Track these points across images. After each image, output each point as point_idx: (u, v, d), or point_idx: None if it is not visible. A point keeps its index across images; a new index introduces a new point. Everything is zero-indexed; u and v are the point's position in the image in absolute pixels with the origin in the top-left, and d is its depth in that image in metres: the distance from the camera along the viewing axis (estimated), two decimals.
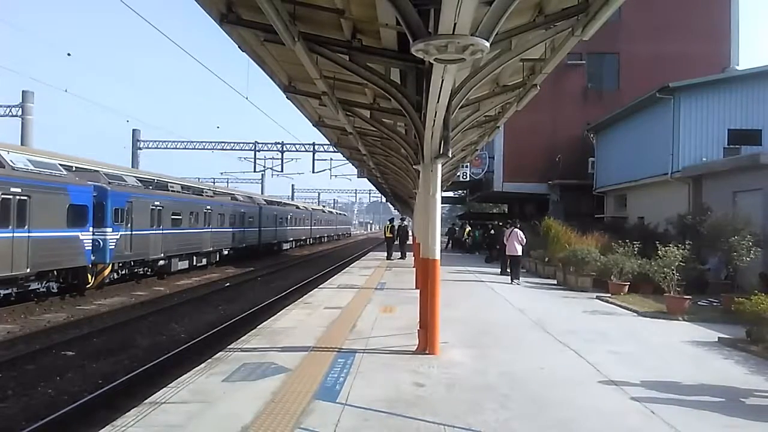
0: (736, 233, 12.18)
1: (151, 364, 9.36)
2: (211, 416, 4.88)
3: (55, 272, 15.50)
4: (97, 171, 19.49)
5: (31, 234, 14.07)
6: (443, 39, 4.07)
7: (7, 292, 13.76)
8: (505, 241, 16.65)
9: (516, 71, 8.85)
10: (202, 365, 6.59)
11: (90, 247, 16.56)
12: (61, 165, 17.03)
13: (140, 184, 21.35)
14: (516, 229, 16.49)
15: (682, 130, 17.51)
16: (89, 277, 16.81)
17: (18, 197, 13.74)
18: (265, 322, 9.56)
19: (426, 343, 7.22)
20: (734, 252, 12.04)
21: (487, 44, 4.22)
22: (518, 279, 16.23)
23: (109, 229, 17.62)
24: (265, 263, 30.67)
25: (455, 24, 3.84)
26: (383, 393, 5.54)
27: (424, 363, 6.76)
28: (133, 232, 19.04)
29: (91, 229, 16.64)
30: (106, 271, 17.73)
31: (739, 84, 17.82)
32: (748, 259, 11.92)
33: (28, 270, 14.10)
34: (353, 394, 5.49)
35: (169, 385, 5.80)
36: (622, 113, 21.51)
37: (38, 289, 14.99)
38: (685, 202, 16.88)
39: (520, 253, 16.40)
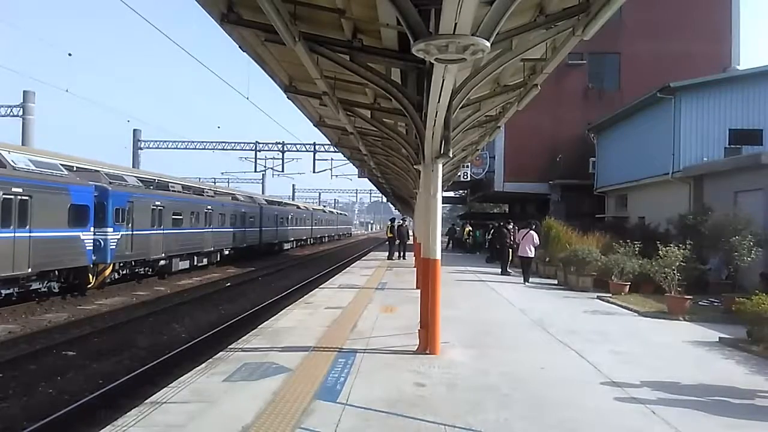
0: (737, 233, 12.17)
1: (152, 364, 9.37)
2: (212, 416, 4.88)
3: (57, 272, 15.49)
4: (98, 171, 19.50)
5: (32, 234, 14.07)
6: (444, 39, 4.06)
7: (8, 291, 13.77)
8: (518, 241, 16.68)
9: (517, 71, 8.85)
10: (203, 365, 6.59)
11: (91, 247, 16.56)
12: (62, 165, 17.06)
13: (141, 184, 21.35)
14: (531, 231, 16.47)
15: (683, 130, 17.50)
16: (90, 277, 16.83)
17: (19, 197, 13.75)
18: (265, 322, 9.56)
19: (427, 343, 7.22)
20: (735, 252, 12.03)
21: (488, 44, 4.21)
22: (528, 279, 16.31)
23: (110, 229, 17.62)
24: (266, 263, 30.67)
25: (456, 24, 3.84)
26: (384, 393, 5.54)
27: (424, 363, 6.76)
28: (134, 232, 19.04)
29: (92, 229, 16.64)
30: (107, 271, 17.74)
31: (740, 84, 17.80)
32: (749, 259, 11.91)
33: (30, 270, 14.10)
34: (354, 394, 5.49)
35: (169, 385, 5.80)
36: (623, 113, 21.50)
37: (40, 288, 14.99)
38: (686, 202, 16.87)
39: (531, 255, 16.41)
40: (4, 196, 13.29)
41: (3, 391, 8.09)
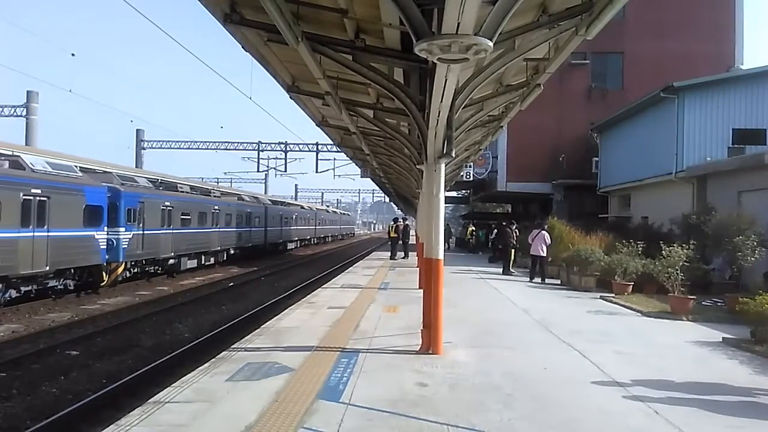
0: (741, 233, 12.13)
1: (155, 363, 9.39)
2: (214, 416, 4.89)
3: (72, 270, 15.88)
4: (111, 172, 19.96)
5: (50, 233, 14.47)
6: (447, 39, 4.06)
7: (27, 289, 14.19)
8: (530, 241, 16.84)
9: (520, 71, 8.83)
10: (206, 365, 6.61)
11: (105, 246, 16.95)
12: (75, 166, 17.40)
13: (151, 185, 21.71)
14: (543, 231, 16.68)
15: (686, 130, 17.45)
16: (104, 275, 17.20)
17: (38, 198, 14.14)
18: (268, 322, 9.58)
19: (429, 343, 7.22)
20: (739, 252, 12.00)
21: (491, 44, 4.21)
22: (544, 278, 16.52)
23: (122, 229, 17.95)
24: (269, 263, 30.72)
25: (459, 24, 3.84)
26: (387, 393, 5.54)
27: (427, 363, 6.76)
28: (145, 232, 19.38)
29: (105, 228, 17.01)
30: (120, 270, 18.09)
31: (743, 83, 17.74)
32: (752, 259, 11.87)
33: (48, 268, 14.51)
34: (357, 394, 5.49)
35: (172, 385, 5.82)
36: (626, 113, 21.44)
37: (56, 286, 15.42)
38: (690, 201, 16.82)
39: (544, 254, 16.59)
40: (24, 197, 13.68)
41: (7, 390, 8.12)
